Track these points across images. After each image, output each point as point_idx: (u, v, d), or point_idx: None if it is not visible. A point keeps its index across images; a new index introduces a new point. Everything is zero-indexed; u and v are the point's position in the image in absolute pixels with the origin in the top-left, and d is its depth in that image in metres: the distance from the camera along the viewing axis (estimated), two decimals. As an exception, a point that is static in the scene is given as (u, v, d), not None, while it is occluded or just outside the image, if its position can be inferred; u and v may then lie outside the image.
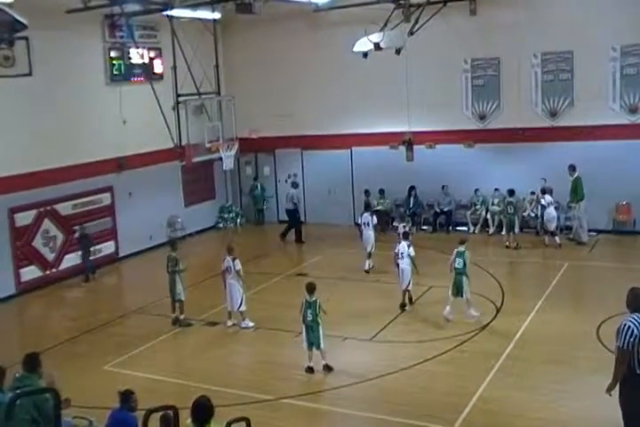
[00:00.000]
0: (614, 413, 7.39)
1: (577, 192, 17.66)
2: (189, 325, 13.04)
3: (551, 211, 17.48)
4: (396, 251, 13.37)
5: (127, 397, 7.33)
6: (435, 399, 9.48)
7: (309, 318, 10.56)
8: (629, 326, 7.01)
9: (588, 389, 9.31)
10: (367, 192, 19.70)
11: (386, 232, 19.34)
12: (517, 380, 9.91)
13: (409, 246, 13.25)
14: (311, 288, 10.73)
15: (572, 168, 17.63)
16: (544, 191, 17.77)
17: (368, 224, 16.41)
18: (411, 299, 13.46)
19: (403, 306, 13.28)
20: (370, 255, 16.26)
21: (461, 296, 12.43)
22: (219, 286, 13.37)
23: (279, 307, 14.17)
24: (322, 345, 10.61)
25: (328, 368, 10.57)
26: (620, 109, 17.92)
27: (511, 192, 18.00)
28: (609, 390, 7.19)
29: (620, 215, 18.14)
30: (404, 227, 15.44)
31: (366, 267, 16.17)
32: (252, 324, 12.78)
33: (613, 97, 17.93)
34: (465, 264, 12.38)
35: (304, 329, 10.65)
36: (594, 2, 17.55)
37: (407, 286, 13.28)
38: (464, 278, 12.36)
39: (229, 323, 12.86)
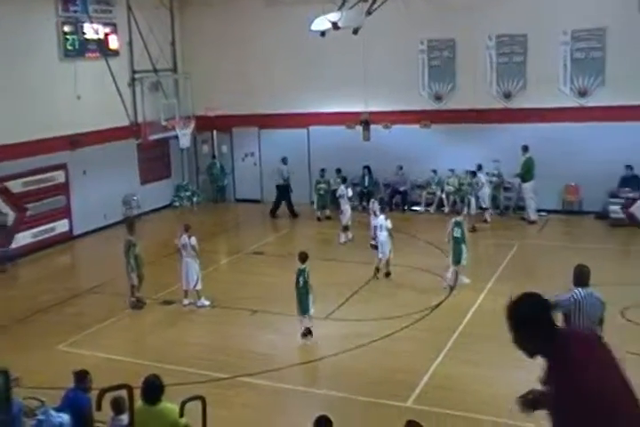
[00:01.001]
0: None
1: (528, 172, 18.06)
2: (140, 308, 12.84)
3: (485, 189, 18.10)
4: (375, 225, 14.01)
5: (82, 377, 7.31)
6: (389, 377, 9.69)
7: (301, 284, 10.97)
8: (570, 297, 7.40)
9: (538, 363, 9.60)
10: (323, 170, 19.85)
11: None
12: (470, 356, 10.18)
13: (386, 219, 13.95)
14: (303, 257, 11.10)
15: (525, 148, 18.00)
16: (479, 169, 18.31)
17: (343, 197, 16.88)
18: (387, 272, 13.99)
19: (387, 274, 13.94)
20: (347, 228, 16.73)
21: (459, 263, 13.30)
22: (174, 264, 13.37)
23: (236, 285, 14.26)
24: (311, 311, 10.96)
25: (306, 334, 10.96)
26: (570, 92, 18.29)
27: (473, 173, 18.39)
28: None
29: (568, 196, 18.60)
30: (373, 203, 15.67)
31: (342, 239, 16.61)
32: (207, 302, 12.82)
33: (564, 80, 18.29)
34: (463, 233, 13.31)
35: (296, 296, 11.01)
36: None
37: (388, 257, 13.88)
38: (463, 246, 13.30)
39: (185, 302, 12.88)
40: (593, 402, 3.32)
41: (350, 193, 17.33)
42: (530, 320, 3.56)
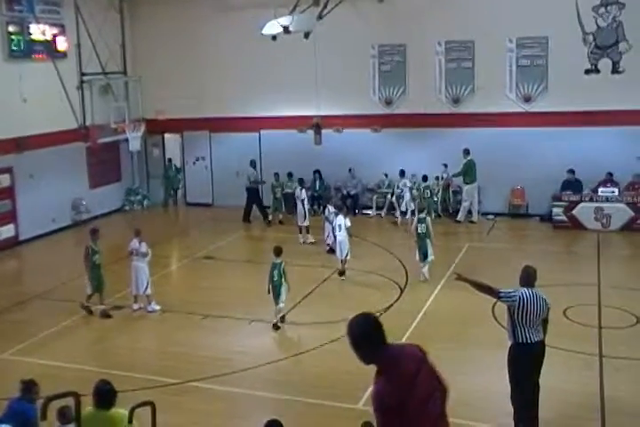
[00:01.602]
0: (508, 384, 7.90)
1: (469, 174, 18.44)
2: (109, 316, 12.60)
3: (407, 194, 18.69)
4: (334, 224, 14.49)
5: (29, 387, 7.12)
6: (341, 379, 9.75)
7: (275, 278, 11.59)
8: (516, 294, 7.61)
9: (486, 364, 9.86)
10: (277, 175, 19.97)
11: (293, 215, 19.56)
12: (418, 358, 10.32)
13: (345, 218, 14.37)
14: (278, 251, 11.75)
15: (467, 152, 18.43)
16: (402, 175, 18.84)
17: (299, 198, 17.35)
18: (342, 271, 14.22)
19: (341, 273, 14.15)
20: (307, 229, 17.12)
21: (426, 259, 13.75)
22: (124, 269, 13.23)
23: (186, 290, 14.19)
24: (281, 304, 11.63)
25: (277, 325, 11.64)
26: (515, 98, 18.74)
27: (425, 178, 18.70)
28: (459, 277, 7.91)
29: (514, 199, 19.04)
30: (327, 209, 16.17)
31: (302, 240, 16.96)
32: (158, 307, 12.73)
33: (510, 86, 18.74)
34: (427, 229, 13.79)
35: (270, 288, 11.63)
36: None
37: (346, 256, 14.16)
38: (428, 242, 13.76)
39: (135, 306, 12.76)
40: (387, 405, 4.22)
41: (304, 195, 17.54)
42: (363, 337, 4.29)
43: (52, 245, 17.87)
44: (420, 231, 13.82)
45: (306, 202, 17.45)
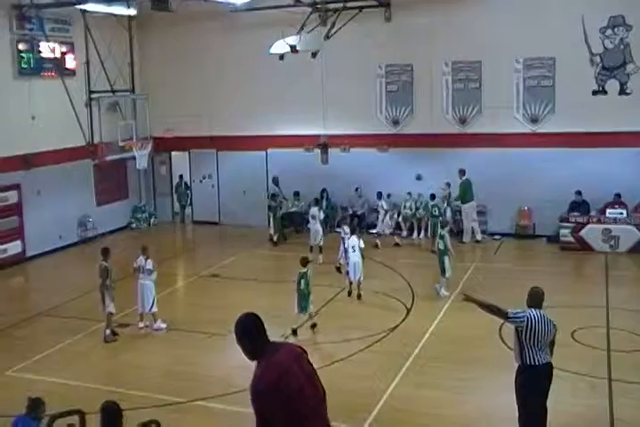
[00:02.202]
0: (515, 407, 7.80)
1: (465, 193, 18.46)
2: (115, 340, 12.25)
3: (386, 217, 18.54)
4: (346, 246, 14.23)
5: (36, 405, 7.08)
6: (345, 400, 9.64)
7: (302, 286, 12.12)
8: (525, 315, 7.51)
9: (491, 385, 9.77)
10: (274, 196, 19.78)
11: (300, 233, 19.57)
12: (426, 379, 10.25)
13: (359, 239, 14.23)
14: (304, 262, 12.39)
15: (462, 172, 18.46)
16: (379, 197, 18.66)
17: (315, 218, 17.11)
18: (358, 293, 14.07)
19: (359, 296, 14.01)
20: (319, 249, 16.85)
21: (443, 274, 14.06)
22: (130, 287, 13.18)
23: (192, 308, 14.14)
24: (309, 309, 12.21)
25: (313, 327, 12.34)
26: (522, 119, 18.76)
27: (432, 196, 18.72)
28: (467, 297, 7.78)
29: (521, 220, 18.97)
30: (343, 228, 15.75)
31: (318, 259, 16.49)
32: (164, 325, 12.67)
33: (517, 107, 18.74)
34: (446, 246, 14.08)
35: (297, 296, 12.13)
36: (501, 16, 18.27)
37: (359, 278, 13.99)
38: (445, 258, 14.03)
39: (141, 325, 12.69)
40: (264, 389, 4.73)
41: (322, 215, 17.59)
42: (246, 334, 4.98)
43: (59, 261, 17.87)
44: (439, 248, 14.14)
45: (321, 221, 17.34)
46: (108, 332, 12.22)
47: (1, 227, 17.37)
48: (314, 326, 12.39)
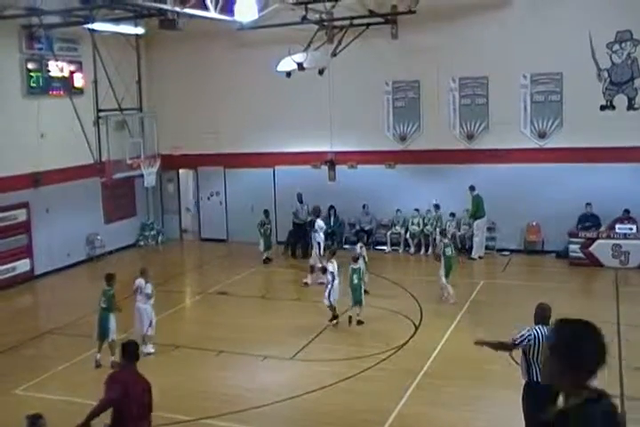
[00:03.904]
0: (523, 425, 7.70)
1: (478, 209, 18.41)
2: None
3: (320, 235, 17.24)
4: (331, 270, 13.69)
5: (34, 421, 7.04)
6: (354, 417, 9.59)
7: (355, 281, 13.17)
8: (531, 333, 7.56)
9: (500, 403, 9.66)
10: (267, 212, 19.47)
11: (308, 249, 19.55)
12: (434, 396, 10.16)
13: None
14: (355, 258, 13.65)
15: (472, 188, 18.43)
16: (317, 215, 17.95)
17: (318, 231, 16.99)
18: (358, 321, 13.45)
19: (335, 318, 13.48)
20: (313, 269, 16.36)
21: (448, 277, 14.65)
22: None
23: (200, 325, 14.08)
24: (363, 302, 13.30)
25: (359, 322, 13.25)
26: (530, 134, 18.73)
27: (437, 207, 19.06)
28: (478, 342, 7.91)
29: (530, 235, 18.86)
30: (361, 248, 15.50)
31: (310, 281, 16.25)
32: (152, 350, 12.25)
33: (524, 122, 18.73)
34: (453, 252, 15.08)
35: (350, 290, 13.24)
36: (508, 32, 18.31)
37: (333, 301, 13.42)
38: (453, 264, 14.93)
39: (151, 349, 12.47)
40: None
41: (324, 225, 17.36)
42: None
43: (67, 279, 17.87)
44: (447, 254, 14.72)
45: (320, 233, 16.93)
46: (112, 358, 11.53)
47: (10, 245, 17.41)
48: (359, 322, 13.26)
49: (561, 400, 3.44)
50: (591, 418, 3.22)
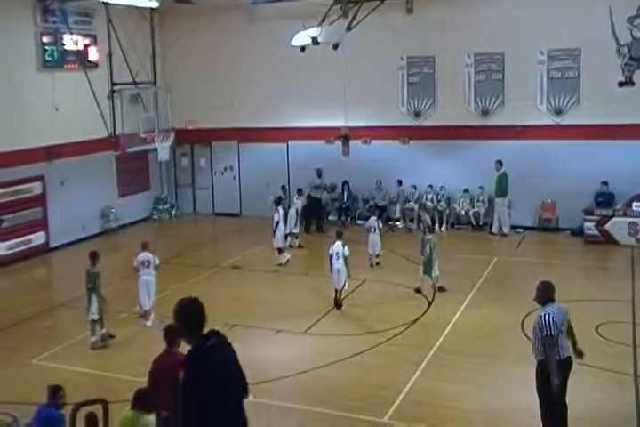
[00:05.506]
0: (536, 401, 7.74)
1: (502, 187, 18.28)
2: (105, 346, 11.71)
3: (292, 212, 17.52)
4: (330, 251, 13.09)
5: (55, 392, 7.20)
6: (367, 392, 9.66)
7: (427, 252, 13.38)
8: (549, 314, 7.42)
9: (513, 379, 9.70)
10: (284, 188, 19.46)
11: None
12: (447, 372, 10.21)
13: (343, 246, 13.01)
14: (430, 229, 14.05)
15: (500, 163, 18.25)
16: (300, 192, 18.54)
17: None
18: (339, 303, 13.09)
19: (339, 306, 13.05)
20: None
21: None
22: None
23: (213, 299, 14.11)
24: (436, 273, 13.52)
25: (440, 289, 13.63)
26: (546, 110, 18.53)
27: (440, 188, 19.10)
28: (551, 372, 7.37)
29: (545, 213, 18.77)
30: (376, 220, 15.81)
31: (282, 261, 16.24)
32: (150, 323, 12.41)
33: (540, 98, 18.52)
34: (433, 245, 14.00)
35: (422, 260, 13.58)
36: (524, 7, 18.05)
37: (342, 287, 13.10)
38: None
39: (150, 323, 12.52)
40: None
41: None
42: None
43: (82, 252, 17.78)
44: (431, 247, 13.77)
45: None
46: (93, 339, 11.66)
47: (25, 218, 17.54)
48: (440, 289, 13.57)
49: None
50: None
